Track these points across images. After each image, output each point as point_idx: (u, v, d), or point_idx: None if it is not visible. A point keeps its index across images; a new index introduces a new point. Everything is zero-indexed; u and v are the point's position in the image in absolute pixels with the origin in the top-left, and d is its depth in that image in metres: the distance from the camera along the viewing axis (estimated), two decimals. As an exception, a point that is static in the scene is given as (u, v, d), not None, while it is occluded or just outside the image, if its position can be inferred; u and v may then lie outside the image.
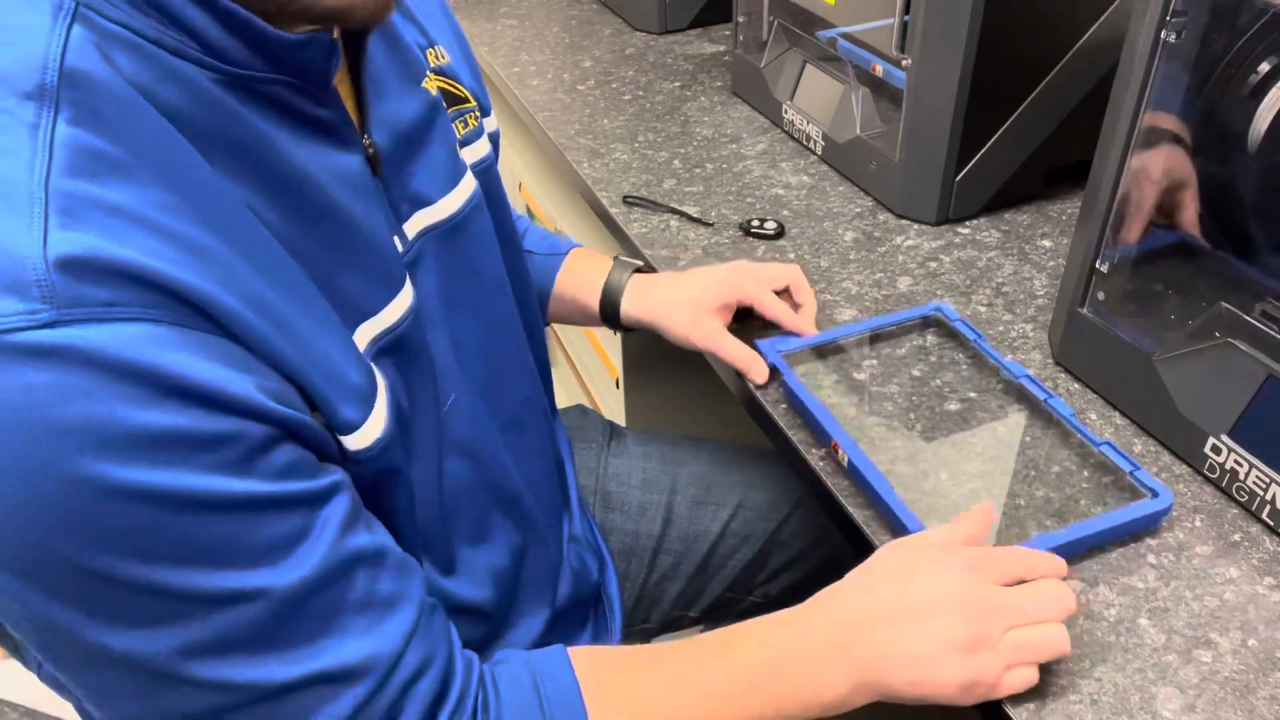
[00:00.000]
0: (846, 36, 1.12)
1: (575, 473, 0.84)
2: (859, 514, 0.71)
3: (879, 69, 1.07)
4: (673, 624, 0.92)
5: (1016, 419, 0.80)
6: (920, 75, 1.00)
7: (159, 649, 0.44)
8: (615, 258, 0.91)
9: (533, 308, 0.78)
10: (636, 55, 1.55)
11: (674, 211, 1.11)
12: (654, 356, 1.37)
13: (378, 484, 0.55)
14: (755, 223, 1.06)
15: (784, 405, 0.82)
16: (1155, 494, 0.69)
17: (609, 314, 0.88)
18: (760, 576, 0.93)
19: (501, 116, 1.82)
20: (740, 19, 1.33)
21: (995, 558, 0.60)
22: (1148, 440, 0.77)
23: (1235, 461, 0.69)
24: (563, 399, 1.90)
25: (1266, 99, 0.66)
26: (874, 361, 0.87)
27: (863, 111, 1.13)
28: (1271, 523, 0.68)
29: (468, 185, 0.65)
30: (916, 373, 0.85)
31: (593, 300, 0.88)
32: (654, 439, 0.96)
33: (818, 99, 1.21)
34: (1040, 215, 1.08)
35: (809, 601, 0.61)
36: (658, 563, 0.89)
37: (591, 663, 0.57)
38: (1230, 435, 0.69)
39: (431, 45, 0.67)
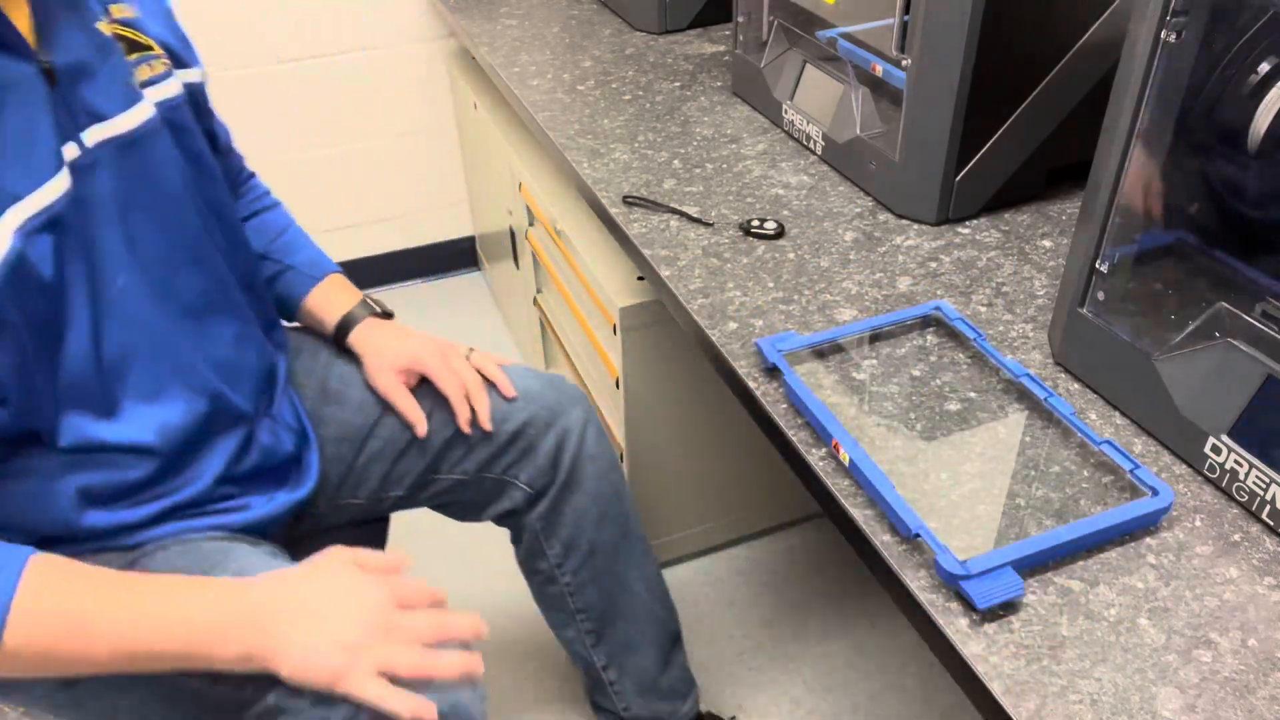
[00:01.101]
0: (846, 36, 1.12)
1: (288, 369, 0.99)
2: (859, 514, 0.71)
3: (879, 69, 1.07)
4: (381, 500, 1.07)
5: (1016, 418, 0.80)
6: (920, 75, 1.00)
7: None
8: (365, 298, 1.08)
9: (232, 229, 0.92)
10: (636, 55, 1.55)
11: (674, 211, 1.11)
12: (654, 356, 1.37)
13: None
14: (755, 223, 1.06)
15: (784, 405, 0.82)
16: (1156, 492, 0.69)
17: (338, 337, 1.06)
18: (455, 456, 1.06)
19: (502, 116, 1.82)
20: (740, 19, 1.33)
21: (411, 590, 0.79)
22: (1148, 440, 0.77)
23: (1235, 461, 0.69)
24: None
25: (1266, 99, 0.66)
26: (874, 361, 0.87)
27: (863, 111, 1.13)
28: (1271, 523, 0.68)
29: (144, 111, 0.79)
30: (916, 373, 0.85)
31: (330, 321, 1.05)
32: None
33: (818, 99, 1.21)
34: (1040, 215, 1.08)
35: (254, 578, 0.77)
36: (366, 447, 1.04)
37: (46, 570, 0.70)
38: (1230, 435, 0.69)
39: (116, 1, 0.81)
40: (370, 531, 1.12)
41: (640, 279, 1.32)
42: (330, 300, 1.06)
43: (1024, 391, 0.82)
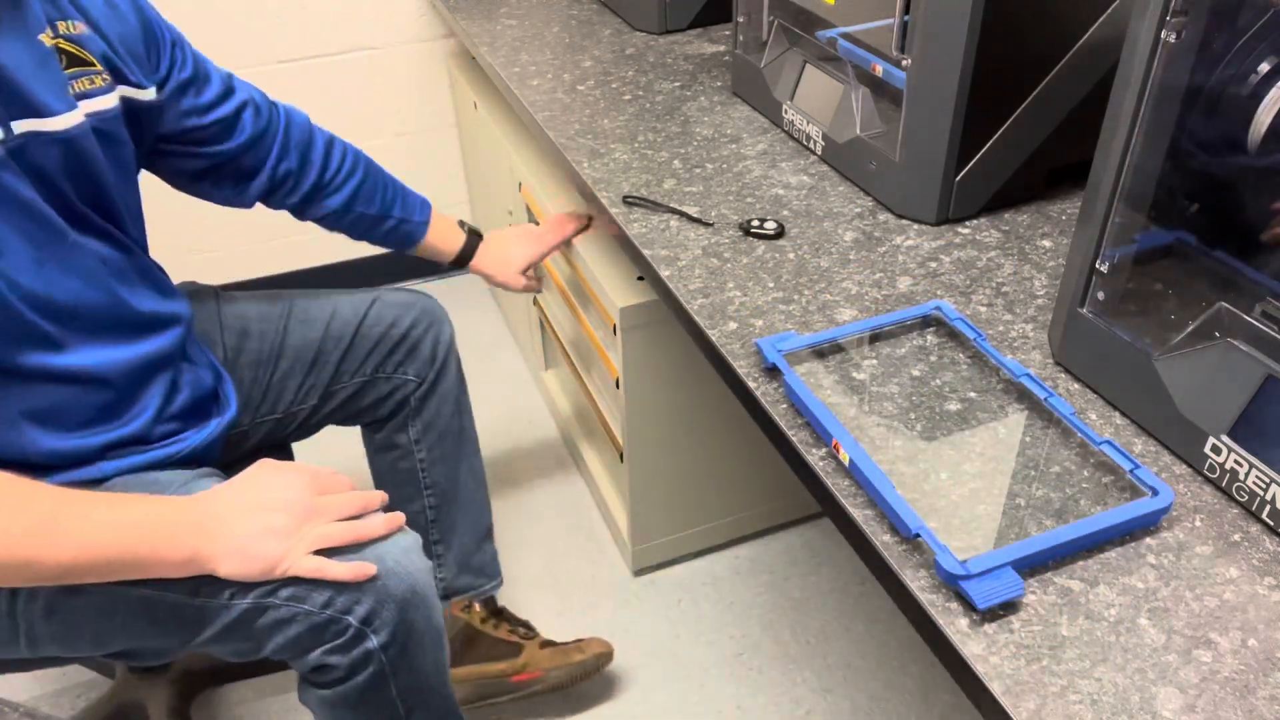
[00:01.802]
0: (846, 36, 1.12)
1: (190, 320, 1.08)
2: (859, 514, 0.71)
3: (879, 69, 1.07)
4: (296, 414, 1.23)
5: (1016, 418, 0.80)
6: (920, 75, 1.00)
7: None
8: (465, 229, 1.34)
9: (141, 219, 1.01)
10: (636, 55, 1.55)
11: (674, 211, 1.11)
12: (654, 356, 1.37)
13: None
14: (755, 223, 1.06)
15: (784, 405, 0.82)
16: (1156, 492, 0.69)
17: (457, 263, 1.35)
18: (353, 362, 1.24)
19: (502, 116, 1.82)
20: (740, 19, 1.33)
21: (326, 476, 0.91)
22: (1148, 440, 0.77)
23: (1235, 461, 0.69)
24: (563, 398, 1.90)
25: (1266, 99, 0.66)
26: (874, 361, 0.87)
27: (863, 111, 1.13)
28: (1271, 523, 0.68)
29: (74, 117, 0.87)
30: (916, 372, 0.85)
31: (450, 254, 1.33)
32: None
33: (818, 99, 1.21)
34: (1040, 215, 1.08)
35: (194, 495, 0.87)
36: (278, 367, 1.20)
37: (8, 481, 0.78)
38: (1230, 435, 0.69)
39: (64, 18, 0.88)
40: (283, 456, 1.25)
41: (640, 279, 1.32)
42: (441, 237, 1.31)
43: (1024, 391, 0.82)
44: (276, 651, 0.92)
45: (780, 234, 1.05)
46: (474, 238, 1.34)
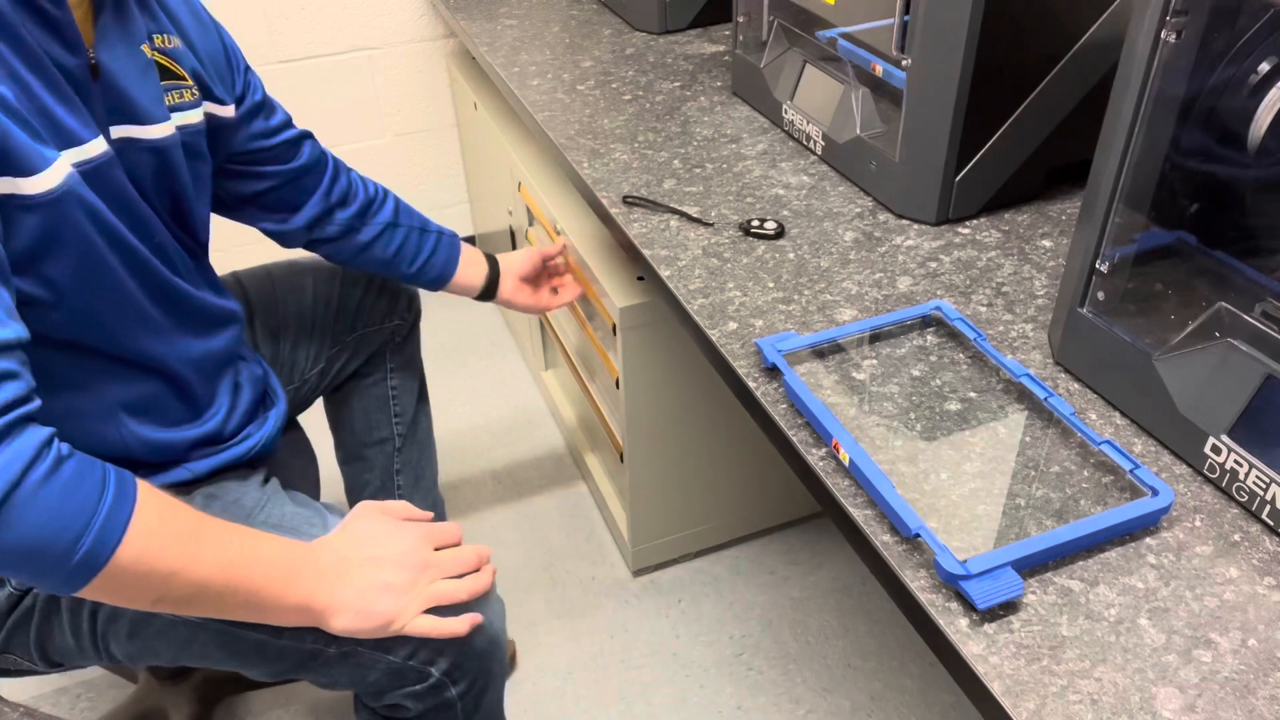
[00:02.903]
0: (846, 36, 1.12)
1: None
2: (859, 514, 0.71)
3: (879, 69, 1.07)
4: (307, 380, 1.26)
5: (1016, 418, 0.80)
6: (920, 75, 1.00)
7: None
8: (486, 260, 1.32)
9: (207, 225, 1.02)
10: (636, 55, 1.55)
11: (674, 211, 1.11)
12: (654, 356, 1.37)
13: (48, 240, 0.77)
14: (755, 223, 1.06)
15: (784, 405, 0.82)
16: (1155, 492, 0.69)
17: (483, 297, 1.33)
18: (346, 322, 1.28)
19: (502, 116, 1.82)
20: (740, 19, 1.33)
21: (439, 530, 0.90)
22: (1148, 440, 0.77)
23: (1235, 461, 0.69)
24: (563, 398, 1.90)
25: (1266, 99, 0.66)
26: (874, 361, 0.87)
27: (863, 111, 1.13)
28: (1271, 523, 0.68)
29: (167, 128, 0.88)
30: (916, 372, 0.85)
31: (475, 289, 1.32)
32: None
33: (818, 99, 1.21)
34: (1040, 215, 1.08)
35: (313, 541, 0.86)
36: (286, 339, 1.23)
37: (152, 492, 0.75)
38: (1230, 435, 0.69)
39: (161, 32, 0.90)
40: (298, 440, 1.26)
41: (640, 279, 1.32)
42: (465, 274, 1.30)
43: (1024, 391, 0.82)
44: (354, 687, 0.94)
45: (780, 234, 1.05)
46: (494, 267, 1.34)
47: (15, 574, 0.71)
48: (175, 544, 0.75)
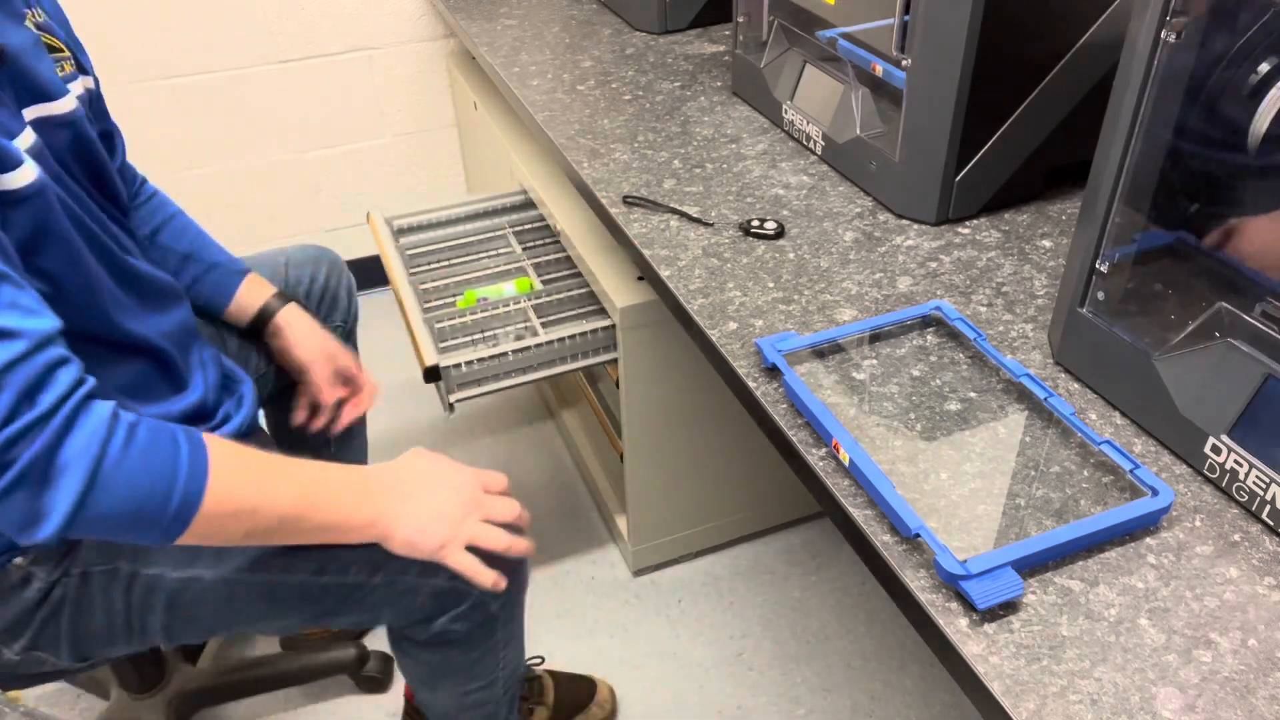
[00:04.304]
0: (846, 36, 1.12)
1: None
2: (859, 514, 0.71)
3: (879, 69, 1.07)
4: (266, 372, 1.24)
5: (1016, 418, 0.80)
6: (920, 75, 1.00)
7: None
8: (277, 290, 1.22)
9: (124, 201, 1.00)
10: (636, 55, 1.55)
11: (674, 211, 1.11)
12: (654, 356, 1.37)
13: (38, 233, 0.78)
14: (755, 223, 1.06)
15: (784, 405, 0.82)
16: (1155, 492, 0.69)
17: (258, 323, 1.20)
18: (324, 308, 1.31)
19: (502, 116, 1.82)
20: (740, 19, 1.33)
21: (490, 476, 0.97)
22: (1148, 440, 0.77)
23: (1235, 461, 0.69)
24: (564, 398, 1.90)
25: (1266, 99, 0.66)
26: (874, 361, 0.87)
27: (863, 111, 1.13)
28: (1271, 523, 0.68)
29: (69, 101, 0.87)
30: (916, 372, 0.85)
31: (252, 309, 1.19)
32: None
33: (818, 99, 1.21)
34: (1040, 215, 1.08)
35: (374, 465, 0.92)
36: (231, 341, 1.20)
37: (216, 440, 0.80)
38: (1230, 435, 0.69)
39: (29, 7, 0.89)
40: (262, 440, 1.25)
41: (640, 279, 1.32)
42: (251, 293, 1.20)
43: (1024, 391, 0.82)
44: (398, 620, 1.00)
45: (780, 234, 1.05)
46: (280, 300, 1.21)
47: (120, 536, 0.76)
48: (253, 481, 0.80)
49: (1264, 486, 0.68)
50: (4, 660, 0.93)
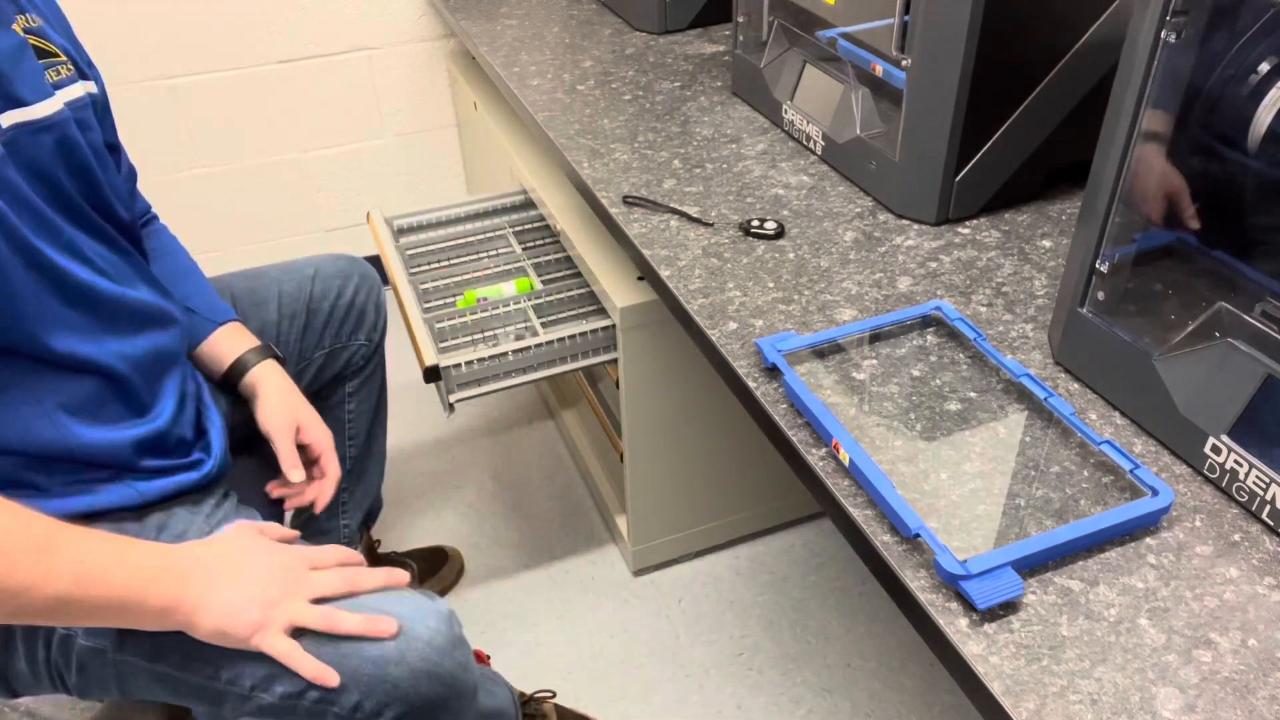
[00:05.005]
0: (846, 36, 1.12)
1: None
2: (859, 514, 0.71)
3: (879, 69, 1.07)
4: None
5: (1016, 418, 0.80)
6: (920, 75, 1.00)
7: None
8: (260, 344, 1.15)
9: (129, 215, 1.00)
10: (636, 55, 1.55)
11: (674, 211, 1.11)
12: (654, 356, 1.37)
13: None
14: (755, 223, 1.06)
15: (784, 405, 0.82)
16: (1156, 492, 0.69)
17: (230, 376, 1.13)
18: (312, 339, 1.26)
19: (502, 116, 1.82)
20: (740, 19, 1.33)
21: (319, 553, 0.89)
22: (1148, 440, 0.77)
23: (1235, 461, 0.69)
24: (564, 398, 1.90)
25: (1266, 99, 0.66)
26: (874, 361, 0.87)
27: (863, 111, 1.13)
28: (1271, 523, 0.68)
29: (54, 104, 0.87)
30: (916, 372, 0.85)
31: (226, 361, 1.12)
32: None
33: (818, 99, 1.21)
34: (1040, 215, 1.08)
35: (181, 544, 0.85)
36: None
37: (6, 504, 0.75)
38: (1230, 435, 0.69)
39: (22, 11, 0.88)
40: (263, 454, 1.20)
41: (640, 279, 1.32)
42: (224, 344, 1.12)
43: (1024, 391, 0.82)
44: None
45: (780, 234, 1.05)
46: (257, 355, 1.14)
47: None
48: (26, 557, 0.74)
49: (1264, 486, 0.68)
50: None
